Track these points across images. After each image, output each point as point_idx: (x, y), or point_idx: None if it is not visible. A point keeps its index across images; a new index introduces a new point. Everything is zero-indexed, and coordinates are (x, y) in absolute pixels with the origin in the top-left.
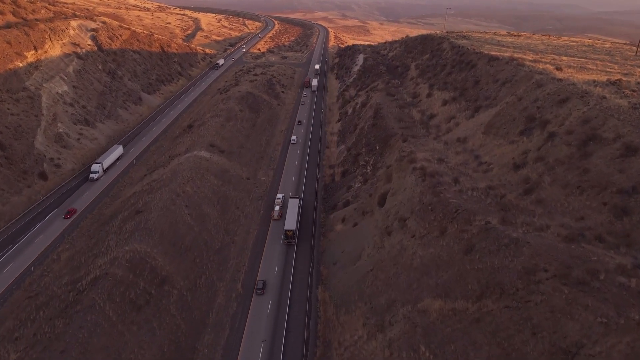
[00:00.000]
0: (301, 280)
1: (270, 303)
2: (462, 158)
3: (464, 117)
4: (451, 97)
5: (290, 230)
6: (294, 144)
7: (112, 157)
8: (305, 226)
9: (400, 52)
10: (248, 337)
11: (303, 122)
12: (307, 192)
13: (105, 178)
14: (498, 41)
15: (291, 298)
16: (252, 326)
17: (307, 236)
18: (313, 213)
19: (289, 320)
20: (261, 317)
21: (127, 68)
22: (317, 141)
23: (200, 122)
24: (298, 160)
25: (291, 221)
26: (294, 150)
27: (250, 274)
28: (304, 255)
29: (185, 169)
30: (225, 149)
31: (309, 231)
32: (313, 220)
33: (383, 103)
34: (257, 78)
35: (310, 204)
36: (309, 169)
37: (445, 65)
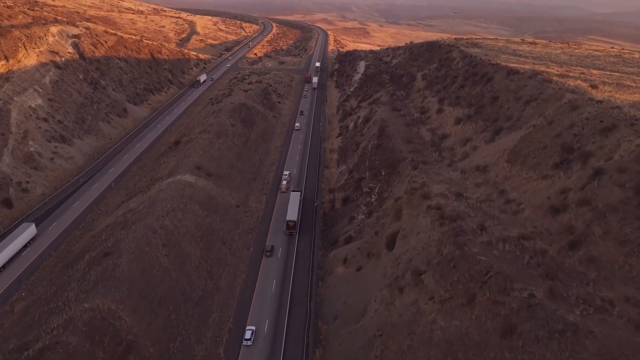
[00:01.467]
0: (296, 340)
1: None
2: (484, 192)
3: (482, 139)
4: (465, 115)
5: (292, 220)
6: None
7: (9, 249)
8: (302, 264)
9: (405, 59)
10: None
11: (301, 137)
12: (304, 223)
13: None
14: (514, 50)
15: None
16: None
17: (303, 279)
18: (310, 250)
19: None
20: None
21: (111, 77)
22: (315, 159)
23: (188, 138)
24: (294, 184)
25: (293, 212)
26: (290, 169)
27: (236, 331)
28: (300, 305)
29: (166, 197)
30: (213, 171)
31: (305, 272)
32: (310, 261)
33: (388, 119)
34: (252, 87)
35: (307, 237)
36: (305, 194)
37: (456, 77)
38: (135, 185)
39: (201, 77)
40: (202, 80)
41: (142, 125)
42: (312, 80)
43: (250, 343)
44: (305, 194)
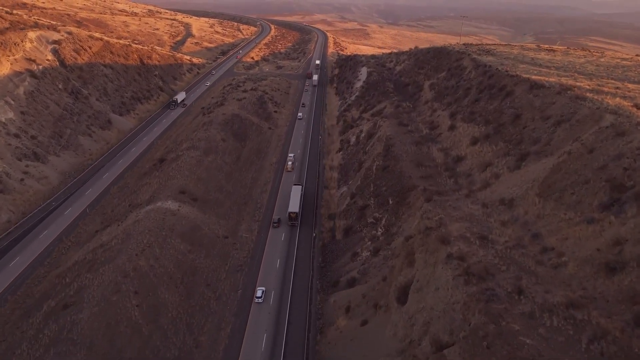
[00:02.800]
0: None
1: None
2: (512, 234)
3: (504, 166)
4: (483, 134)
5: (294, 212)
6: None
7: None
8: (297, 312)
9: (410, 66)
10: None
11: (298, 152)
12: (300, 259)
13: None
14: (532, 59)
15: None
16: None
17: (299, 330)
18: (307, 292)
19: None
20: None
21: (95, 86)
22: (313, 177)
23: (175, 154)
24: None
25: (294, 204)
26: (286, 193)
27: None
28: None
29: (143, 230)
30: (200, 195)
31: (301, 322)
32: (307, 308)
33: (394, 136)
34: (246, 95)
35: (305, 275)
36: (303, 222)
37: (469, 88)
38: (112, 210)
39: (178, 95)
40: (179, 99)
41: (127, 138)
42: (313, 77)
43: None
44: (303, 218)
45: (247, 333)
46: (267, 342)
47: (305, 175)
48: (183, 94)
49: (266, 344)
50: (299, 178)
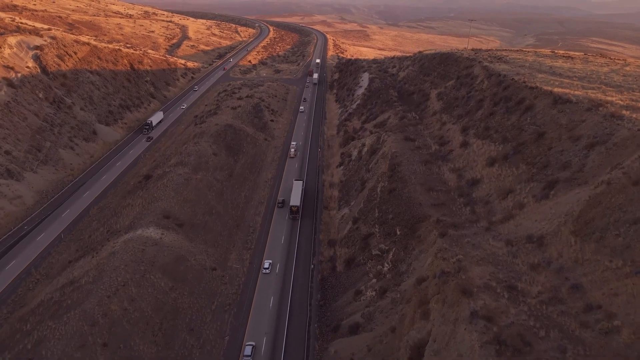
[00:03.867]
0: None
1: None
2: (546, 282)
3: (529, 194)
4: (501, 154)
5: (295, 206)
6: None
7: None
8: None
9: (414, 73)
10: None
11: (295, 165)
12: (297, 297)
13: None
14: (550, 67)
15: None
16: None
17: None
18: (304, 339)
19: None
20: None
21: (80, 94)
22: (312, 196)
23: (162, 170)
24: (286, 231)
25: (296, 198)
26: (281, 214)
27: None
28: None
29: (119, 265)
30: (186, 219)
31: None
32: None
33: (400, 153)
34: (241, 103)
35: (301, 320)
36: (300, 248)
37: (482, 100)
38: (90, 236)
39: (153, 117)
40: (154, 122)
41: (112, 150)
42: (313, 75)
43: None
44: (300, 245)
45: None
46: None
47: (303, 195)
48: (160, 115)
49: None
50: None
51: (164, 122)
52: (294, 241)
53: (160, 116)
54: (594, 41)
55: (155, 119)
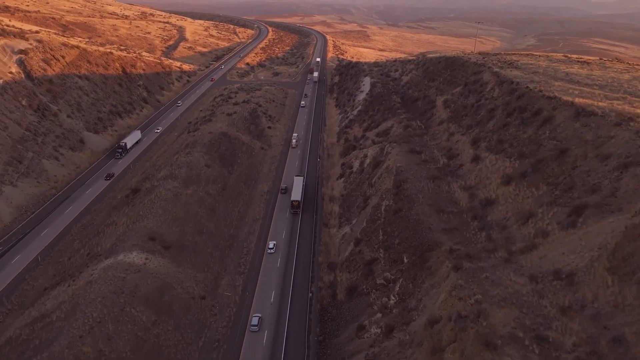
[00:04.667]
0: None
1: None
2: (581, 331)
3: (553, 220)
4: (517, 171)
5: (297, 200)
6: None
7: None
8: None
9: (418, 77)
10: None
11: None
12: (293, 330)
13: None
14: (566, 74)
15: None
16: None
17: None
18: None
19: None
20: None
21: (67, 100)
22: (310, 214)
23: (150, 184)
24: (283, 252)
25: (297, 193)
26: (277, 234)
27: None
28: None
29: (96, 297)
30: (174, 240)
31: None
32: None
33: (406, 168)
34: (237, 109)
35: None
36: (298, 271)
37: (493, 109)
38: (69, 258)
39: (127, 139)
40: (129, 144)
41: (100, 160)
42: (314, 73)
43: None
44: (297, 267)
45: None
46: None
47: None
48: (136, 135)
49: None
50: (292, 222)
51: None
52: (291, 263)
53: (137, 136)
54: (596, 42)
55: (130, 140)
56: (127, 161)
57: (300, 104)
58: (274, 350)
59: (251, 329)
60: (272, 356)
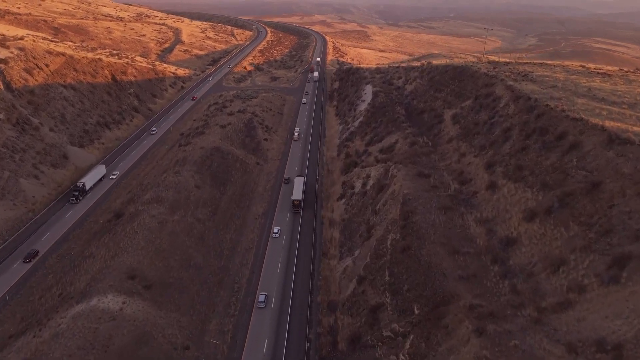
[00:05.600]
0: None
1: None
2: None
3: (590, 271)
4: (541, 205)
5: (297, 199)
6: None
7: None
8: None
9: (423, 86)
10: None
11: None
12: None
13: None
14: (588, 89)
15: None
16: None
17: None
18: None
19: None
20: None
21: (50, 112)
22: (308, 241)
23: (135, 208)
24: (278, 286)
25: (298, 193)
26: (271, 265)
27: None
28: None
29: (61, 356)
30: (156, 278)
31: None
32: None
33: (414, 196)
34: (232, 120)
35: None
36: (294, 316)
37: (509, 129)
38: (41, 298)
39: (87, 177)
40: (88, 185)
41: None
42: (314, 73)
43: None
44: (293, 309)
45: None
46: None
47: (298, 241)
48: (100, 170)
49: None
50: (288, 249)
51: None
52: (287, 302)
53: (100, 172)
54: (597, 41)
55: (91, 179)
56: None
57: (302, 100)
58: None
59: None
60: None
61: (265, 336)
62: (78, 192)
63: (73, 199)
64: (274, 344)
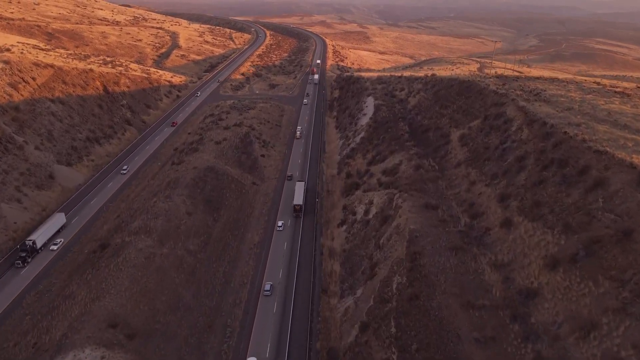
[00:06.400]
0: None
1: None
2: None
3: (627, 341)
4: (565, 252)
5: (298, 204)
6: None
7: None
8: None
9: (427, 101)
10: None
11: (289, 222)
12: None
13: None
14: (608, 112)
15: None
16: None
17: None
18: None
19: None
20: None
21: (36, 129)
22: (307, 276)
23: (121, 239)
24: (274, 332)
25: (299, 198)
26: (268, 305)
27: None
28: None
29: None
30: (140, 325)
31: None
32: None
33: (421, 233)
34: (228, 135)
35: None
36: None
37: (523, 158)
38: (15, 345)
39: (38, 233)
40: (40, 242)
41: (71, 199)
42: (315, 75)
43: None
44: (290, 356)
45: None
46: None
47: (297, 267)
48: (58, 220)
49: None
50: (289, 267)
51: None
52: (283, 350)
53: (58, 222)
54: (599, 42)
55: (43, 235)
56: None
57: (303, 101)
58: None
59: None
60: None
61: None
62: (26, 252)
63: (19, 262)
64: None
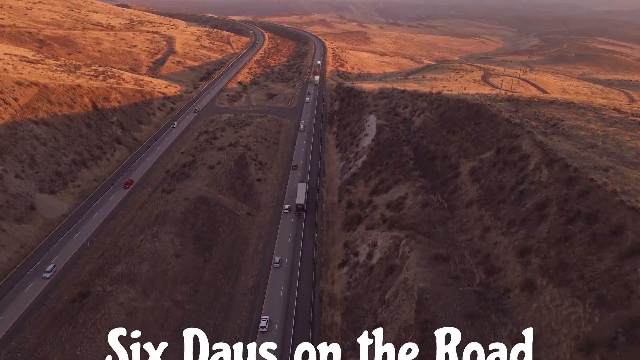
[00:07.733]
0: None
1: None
2: None
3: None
4: (600, 333)
5: (300, 204)
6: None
7: None
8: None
9: (433, 123)
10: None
11: (287, 257)
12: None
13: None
14: (637, 153)
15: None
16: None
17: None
18: None
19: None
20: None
21: (17, 155)
22: (305, 329)
23: (102, 288)
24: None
25: (301, 197)
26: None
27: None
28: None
29: None
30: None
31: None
32: None
33: (433, 294)
34: (222, 157)
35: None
36: None
37: (544, 205)
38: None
39: None
40: None
41: (53, 233)
42: (316, 77)
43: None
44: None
45: None
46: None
47: (293, 330)
48: None
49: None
50: (284, 334)
51: None
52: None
53: None
54: (601, 42)
55: None
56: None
57: (305, 100)
58: None
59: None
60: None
61: None
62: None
63: None
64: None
